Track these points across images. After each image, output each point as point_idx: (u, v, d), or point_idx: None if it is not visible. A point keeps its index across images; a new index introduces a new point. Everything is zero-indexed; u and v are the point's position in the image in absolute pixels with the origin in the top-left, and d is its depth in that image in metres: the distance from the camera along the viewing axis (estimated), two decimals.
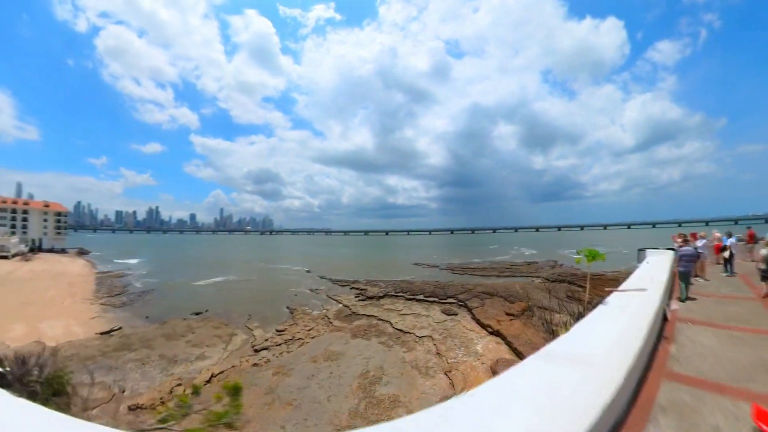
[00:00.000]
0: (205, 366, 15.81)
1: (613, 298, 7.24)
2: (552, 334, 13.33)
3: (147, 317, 23.69)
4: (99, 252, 73.33)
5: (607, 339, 4.55)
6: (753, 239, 15.94)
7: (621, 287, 8.53)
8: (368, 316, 23.39)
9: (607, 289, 8.62)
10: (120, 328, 20.97)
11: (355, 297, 29.09)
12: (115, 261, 59.08)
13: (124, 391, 13.51)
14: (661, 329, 6.84)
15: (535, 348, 15.74)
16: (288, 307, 25.80)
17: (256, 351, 17.34)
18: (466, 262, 56.45)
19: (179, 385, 13.84)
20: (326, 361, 16.05)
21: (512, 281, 33.47)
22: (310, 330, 20.28)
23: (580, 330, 5.05)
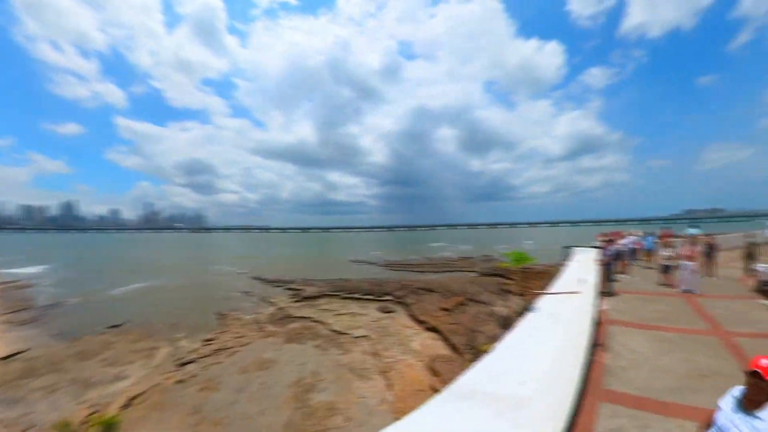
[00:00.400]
0: (124, 387, 14.51)
1: (544, 303, 7.05)
2: (473, 351, 13.24)
3: (57, 335, 21.33)
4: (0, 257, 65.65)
5: (540, 363, 3.99)
6: (668, 238, 17.28)
7: (552, 289, 8.48)
8: (303, 318, 22.80)
9: (536, 291, 8.59)
10: (24, 350, 18.77)
11: (290, 298, 28.29)
12: (20, 269, 52.59)
13: (28, 429, 12.06)
14: (594, 335, 6.85)
15: (468, 342, 15.71)
16: (217, 313, 24.51)
17: (182, 365, 16.18)
18: (404, 258, 57.23)
19: (94, 413, 12.60)
20: (258, 371, 15.36)
21: (448, 276, 34.31)
22: (240, 337, 19.36)
23: (508, 349, 4.54)
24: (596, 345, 6.21)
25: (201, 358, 16.87)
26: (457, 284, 28.07)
